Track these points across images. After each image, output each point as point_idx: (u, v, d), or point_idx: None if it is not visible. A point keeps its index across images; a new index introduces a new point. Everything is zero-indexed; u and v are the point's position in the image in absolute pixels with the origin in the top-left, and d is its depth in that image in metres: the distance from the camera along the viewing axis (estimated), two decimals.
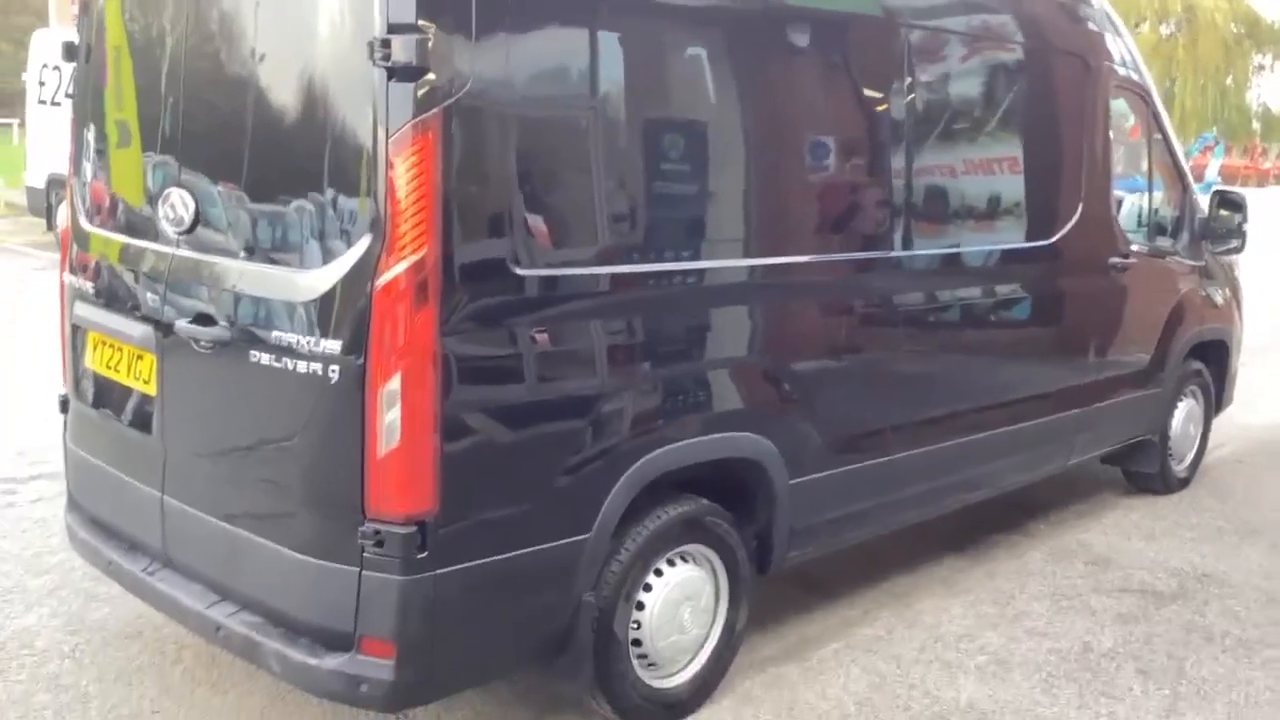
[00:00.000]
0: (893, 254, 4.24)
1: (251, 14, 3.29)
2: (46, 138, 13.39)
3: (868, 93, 4.21)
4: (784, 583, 4.47)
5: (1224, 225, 6.00)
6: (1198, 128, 40.62)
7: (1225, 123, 45.92)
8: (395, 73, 2.84)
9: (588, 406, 3.32)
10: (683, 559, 3.69)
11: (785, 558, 4.02)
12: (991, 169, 4.88)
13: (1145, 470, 6.15)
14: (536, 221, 3.17)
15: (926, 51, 4.40)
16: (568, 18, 3.27)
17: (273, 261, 3.21)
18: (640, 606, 3.56)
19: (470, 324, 3.02)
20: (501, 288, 3.07)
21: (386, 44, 2.82)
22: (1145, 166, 5.78)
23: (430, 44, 2.84)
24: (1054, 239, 4.99)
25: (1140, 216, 5.77)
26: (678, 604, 3.65)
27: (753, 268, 3.76)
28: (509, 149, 3.09)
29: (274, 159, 3.23)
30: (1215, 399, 6.51)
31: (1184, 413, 6.20)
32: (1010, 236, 4.90)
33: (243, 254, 3.27)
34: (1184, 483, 6.32)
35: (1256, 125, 51.22)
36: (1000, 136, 4.90)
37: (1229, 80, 47.64)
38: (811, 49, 3.99)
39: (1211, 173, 29.00)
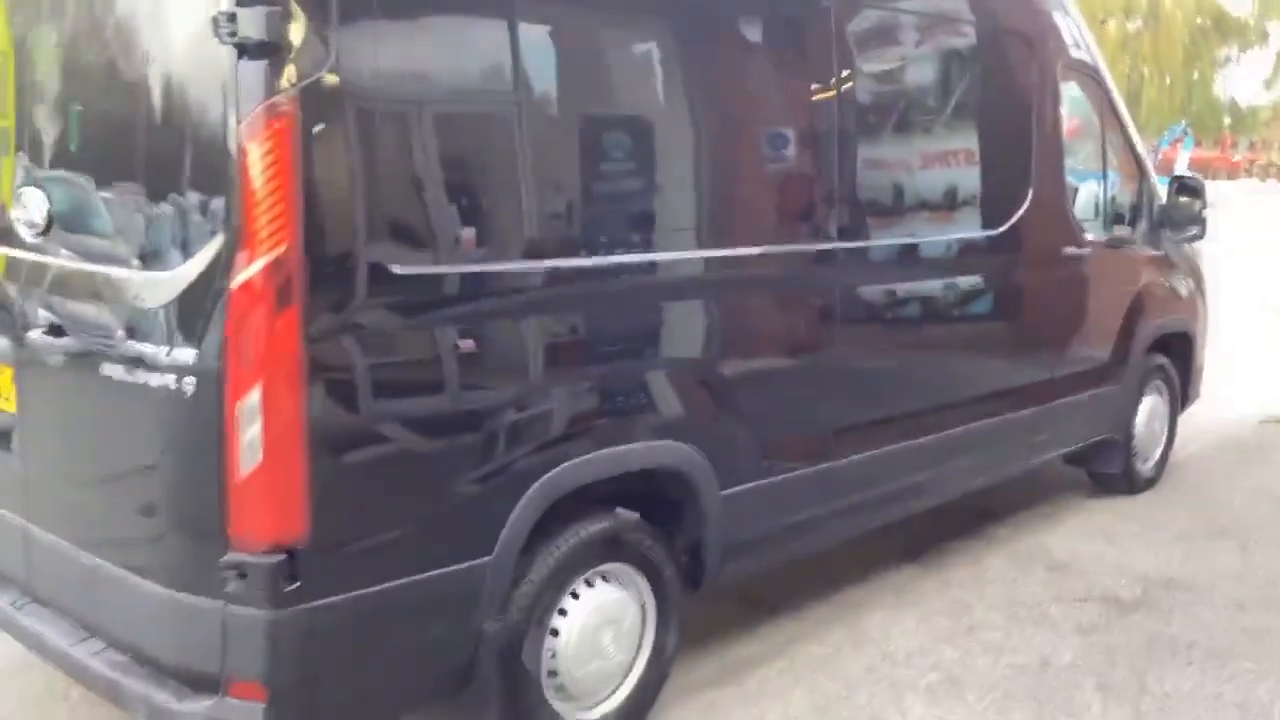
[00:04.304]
0: (826, 246, 3.95)
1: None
2: None
3: (797, 75, 3.91)
4: (726, 599, 4.20)
5: (1183, 212, 5.77)
6: (1164, 121, 40.68)
7: (1193, 116, 46.09)
8: (245, 50, 2.54)
9: (478, 417, 3.02)
10: (603, 579, 3.41)
11: (720, 573, 3.74)
12: (934, 155, 4.59)
13: (1109, 470, 5.89)
14: (413, 217, 2.88)
15: (860, 31, 4.11)
16: None
17: (122, 264, 2.92)
18: (555, 633, 3.27)
19: (341, 328, 2.71)
20: (376, 288, 2.76)
21: (233, 18, 2.53)
22: (1099, 152, 5.52)
23: (283, 18, 2.55)
24: (1002, 228, 4.72)
25: (1096, 205, 5.50)
26: (598, 629, 3.36)
27: (661, 262, 3.45)
28: (381, 137, 2.79)
29: (124, 151, 2.96)
30: (1181, 394, 6.27)
31: (1148, 409, 5.95)
32: (956, 226, 4.63)
33: (92, 257, 2.98)
34: (1150, 483, 6.08)
35: (1226, 118, 51.47)
36: (943, 121, 4.62)
37: (1195, 74, 47.85)
38: (738, 31, 3.72)
39: (1181, 165, 28.90)
